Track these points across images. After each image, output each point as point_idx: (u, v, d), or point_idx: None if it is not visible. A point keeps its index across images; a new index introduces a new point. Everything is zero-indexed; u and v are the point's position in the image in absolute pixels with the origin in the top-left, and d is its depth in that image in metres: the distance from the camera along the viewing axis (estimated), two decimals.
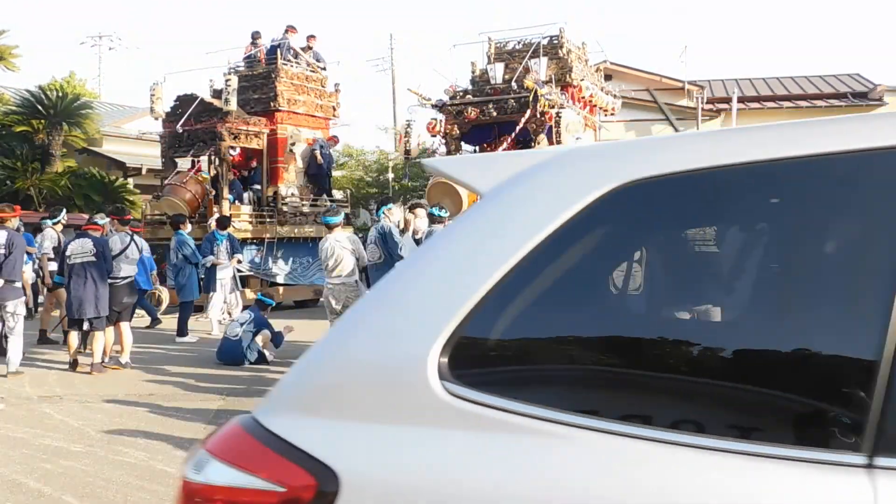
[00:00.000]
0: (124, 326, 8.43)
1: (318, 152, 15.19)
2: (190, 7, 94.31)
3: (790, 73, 28.30)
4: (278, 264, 14.50)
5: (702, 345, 1.38)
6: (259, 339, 8.57)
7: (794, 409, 1.22)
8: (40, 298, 13.24)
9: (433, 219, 7.79)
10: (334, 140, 16.31)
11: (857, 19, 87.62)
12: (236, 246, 11.62)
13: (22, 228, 11.76)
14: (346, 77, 72.00)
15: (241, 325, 8.53)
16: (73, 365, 8.02)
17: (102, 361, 8.08)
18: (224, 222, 11.67)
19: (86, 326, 8.22)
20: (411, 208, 7.83)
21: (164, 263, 13.52)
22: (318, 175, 15.59)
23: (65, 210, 11.94)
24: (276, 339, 8.78)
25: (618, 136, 22.59)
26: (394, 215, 7.87)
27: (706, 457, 1.15)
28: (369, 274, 7.69)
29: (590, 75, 13.76)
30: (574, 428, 1.20)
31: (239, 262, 11.97)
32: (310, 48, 15.71)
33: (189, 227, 11.51)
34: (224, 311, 11.22)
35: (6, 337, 7.92)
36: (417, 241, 7.36)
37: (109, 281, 8.11)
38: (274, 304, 9.43)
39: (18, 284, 7.75)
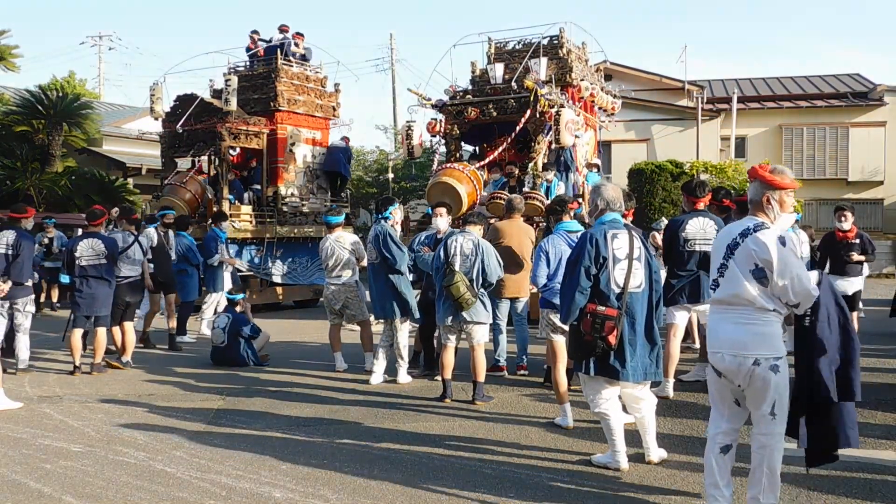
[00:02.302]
0: (128, 326, 8.42)
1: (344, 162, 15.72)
2: (190, 7, 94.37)
3: (790, 73, 28.31)
4: (277, 264, 14.48)
5: None
6: (256, 344, 8.52)
7: None
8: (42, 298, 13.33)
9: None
10: (346, 140, 16.40)
11: (857, 19, 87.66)
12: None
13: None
14: (347, 77, 71.98)
15: (223, 329, 8.47)
16: (75, 370, 7.96)
17: (102, 361, 8.08)
18: (221, 217, 11.61)
19: (87, 326, 8.19)
20: (433, 207, 7.79)
21: None
22: (338, 175, 15.69)
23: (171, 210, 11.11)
24: (253, 331, 8.61)
25: (618, 136, 22.58)
26: (398, 215, 7.84)
27: None
28: (368, 273, 7.66)
29: (590, 75, 13.75)
30: None
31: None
32: (296, 45, 15.66)
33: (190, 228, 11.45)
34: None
35: (6, 336, 7.92)
36: (438, 241, 7.23)
37: None
38: (243, 297, 9.25)
39: (28, 284, 7.82)
